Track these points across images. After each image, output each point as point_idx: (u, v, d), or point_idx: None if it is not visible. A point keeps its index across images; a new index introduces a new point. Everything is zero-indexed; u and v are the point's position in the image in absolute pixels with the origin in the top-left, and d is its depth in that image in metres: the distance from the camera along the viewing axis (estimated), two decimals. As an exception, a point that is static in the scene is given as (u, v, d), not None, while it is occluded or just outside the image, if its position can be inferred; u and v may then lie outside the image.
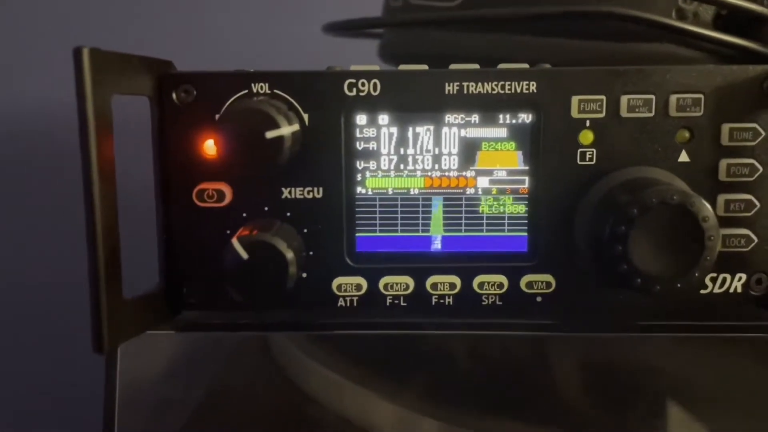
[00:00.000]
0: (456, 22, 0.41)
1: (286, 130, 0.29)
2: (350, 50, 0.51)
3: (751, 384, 0.35)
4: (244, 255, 0.29)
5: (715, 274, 0.32)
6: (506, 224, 0.33)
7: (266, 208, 0.32)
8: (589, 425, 0.37)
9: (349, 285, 0.33)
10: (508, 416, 0.37)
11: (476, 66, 0.32)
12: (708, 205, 0.29)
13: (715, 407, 0.37)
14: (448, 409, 0.38)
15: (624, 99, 0.31)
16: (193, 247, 0.32)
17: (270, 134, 0.28)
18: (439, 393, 0.38)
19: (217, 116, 0.31)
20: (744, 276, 0.33)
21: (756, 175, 0.32)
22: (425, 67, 0.32)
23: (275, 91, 0.31)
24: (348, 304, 0.33)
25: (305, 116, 0.31)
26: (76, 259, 0.31)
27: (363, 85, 0.31)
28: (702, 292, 0.33)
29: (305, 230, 0.32)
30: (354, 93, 0.31)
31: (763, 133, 0.31)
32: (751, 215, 0.32)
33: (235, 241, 0.29)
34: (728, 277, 0.33)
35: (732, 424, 0.36)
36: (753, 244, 0.32)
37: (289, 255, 0.29)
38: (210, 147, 0.31)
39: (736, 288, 0.33)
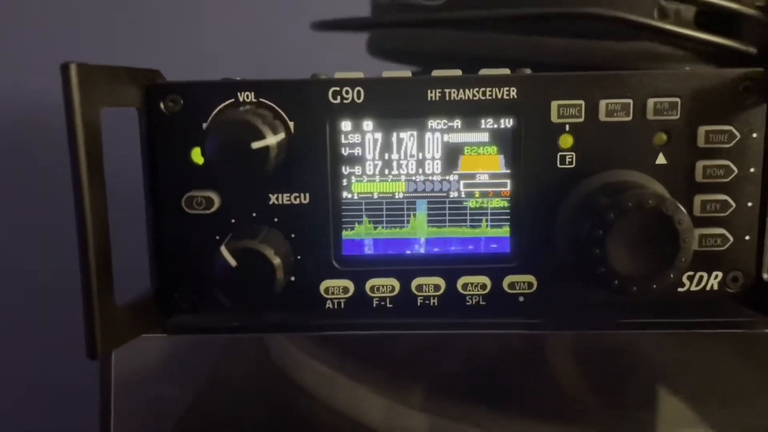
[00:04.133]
0: (441, 24, 0.42)
1: (272, 140, 0.29)
2: (339, 44, 0.51)
3: (728, 378, 0.36)
4: (233, 262, 0.30)
5: (692, 273, 0.33)
6: (489, 226, 0.34)
7: (254, 214, 0.33)
8: (574, 417, 0.38)
9: (336, 288, 0.33)
10: (495, 408, 0.38)
11: (458, 72, 0.32)
12: (683, 209, 0.29)
13: (694, 400, 0.38)
14: (437, 401, 0.39)
15: (602, 103, 0.32)
16: (184, 253, 0.33)
17: (255, 145, 0.29)
18: (428, 386, 0.39)
19: (204, 125, 0.31)
20: (720, 274, 0.34)
21: (731, 177, 0.32)
22: (408, 73, 0.33)
23: (261, 99, 0.32)
24: (336, 307, 0.34)
25: (291, 124, 0.32)
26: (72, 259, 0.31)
27: (347, 92, 0.32)
28: (680, 290, 0.34)
29: (293, 235, 0.33)
30: (338, 101, 0.32)
31: (739, 135, 0.32)
32: (727, 215, 0.33)
33: (223, 249, 0.30)
34: (705, 275, 0.34)
35: (710, 415, 0.37)
36: (729, 244, 0.33)
37: (276, 261, 0.30)
38: (198, 155, 0.32)
39: (712, 286, 0.34)
